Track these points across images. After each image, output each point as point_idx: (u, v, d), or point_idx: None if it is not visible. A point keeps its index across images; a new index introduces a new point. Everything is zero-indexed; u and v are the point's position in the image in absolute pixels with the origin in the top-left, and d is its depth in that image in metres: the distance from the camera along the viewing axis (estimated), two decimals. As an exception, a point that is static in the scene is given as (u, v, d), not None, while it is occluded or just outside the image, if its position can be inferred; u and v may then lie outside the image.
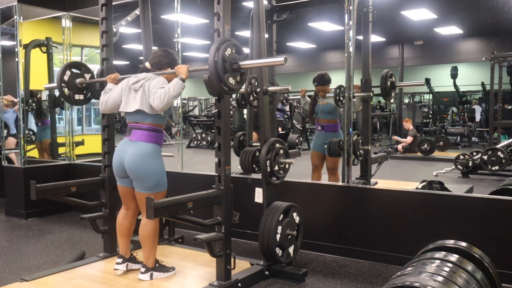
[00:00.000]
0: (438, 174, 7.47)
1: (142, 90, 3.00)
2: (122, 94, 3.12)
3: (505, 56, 9.06)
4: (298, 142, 10.06)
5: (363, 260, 3.77)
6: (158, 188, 3.05)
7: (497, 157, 7.14)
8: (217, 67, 2.73)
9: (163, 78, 3.06)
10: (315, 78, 5.03)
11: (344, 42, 4.04)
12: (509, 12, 9.27)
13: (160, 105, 2.86)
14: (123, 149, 3.08)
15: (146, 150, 3.01)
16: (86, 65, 3.75)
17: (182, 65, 3.01)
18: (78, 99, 3.68)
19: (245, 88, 3.66)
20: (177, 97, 2.93)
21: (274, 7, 4.70)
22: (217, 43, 2.77)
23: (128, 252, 3.30)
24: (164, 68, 3.17)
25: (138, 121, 3.06)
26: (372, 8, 4.47)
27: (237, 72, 2.83)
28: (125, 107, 3.09)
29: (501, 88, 9.00)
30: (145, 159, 2.99)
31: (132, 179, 3.08)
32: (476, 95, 15.35)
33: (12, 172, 5.53)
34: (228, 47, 2.78)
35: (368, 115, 4.69)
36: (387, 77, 4.49)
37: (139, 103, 3.01)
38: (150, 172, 3.00)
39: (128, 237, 3.30)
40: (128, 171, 3.04)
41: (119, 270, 3.24)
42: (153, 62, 3.19)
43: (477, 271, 2.15)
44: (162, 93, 2.85)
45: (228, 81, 2.78)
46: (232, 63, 2.79)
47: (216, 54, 2.74)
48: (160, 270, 3.18)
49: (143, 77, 3.06)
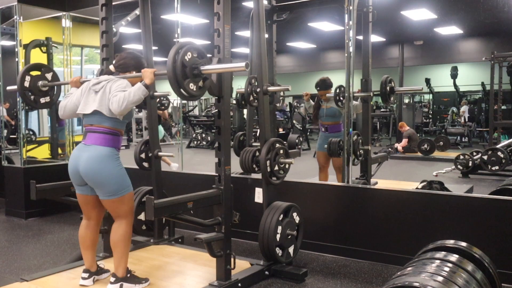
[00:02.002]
0: (438, 174, 7.46)
1: (103, 91, 2.84)
2: (81, 97, 2.95)
3: (505, 56, 9.06)
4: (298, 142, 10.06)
5: (363, 260, 3.77)
6: (122, 192, 2.84)
7: (497, 157, 7.14)
8: (176, 73, 2.61)
9: (126, 81, 2.89)
10: (318, 82, 5.18)
11: (344, 42, 4.04)
12: (509, 12, 9.26)
13: (118, 109, 2.71)
14: (77, 155, 2.87)
15: (101, 153, 2.81)
16: (44, 64, 3.67)
17: (148, 69, 2.85)
18: (44, 103, 3.59)
19: (245, 88, 3.67)
20: (138, 103, 2.76)
21: (274, 7, 4.70)
22: (176, 47, 2.64)
23: (94, 265, 3.09)
24: (129, 71, 3.01)
25: (94, 123, 2.87)
26: (372, 8, 4.47)
27: (199, 78, 2.72)
28: (83, 108, 2.91)
29: (501, 88, 9.00)
30: (101, 163, 2.79)
31: (92, 187, 2.88)
32: (476, 95, 15.35)
33: (12, 172, 5.53)
34: (189, 51, 2.64)
35: (368, 115, 4.69)
36: (387, 82, 4.53)
37: (98, 104, 2.83)
38: (108, 176, 2.79)
39: (93, 249, 3.08)
40: (85, 178, 2.84)
41: (85, 285, 3.02)
42: (118, 64, 3.03)
43: (477, 271, 2.15)
44: (122, 97, 2.69)
45: (188, 87, 2.66)
46: (193, 68, 2.68)
47: (175, 59, 2.60)
48: (131, 281, 2.94)
49: (105, 78, 2.90)
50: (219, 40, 3.02)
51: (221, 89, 3.02)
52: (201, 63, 2.72)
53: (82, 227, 3.06)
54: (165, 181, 4.04)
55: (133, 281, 2.94)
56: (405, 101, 16.41)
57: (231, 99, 3.26)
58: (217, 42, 3.03)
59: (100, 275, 3.11)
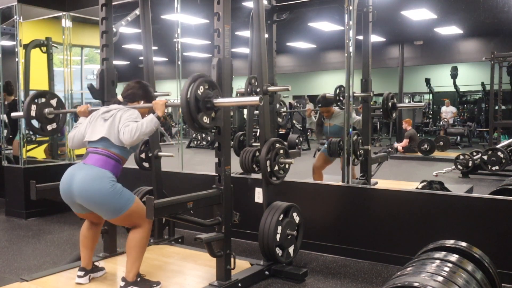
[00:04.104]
0: (438, 174, 7.47)
1: (112, 119, 2.82)
2: (89, 125, 2.92)
3: (505, 56, 9.07)
4: (298, 142, 10.07)
5: (363, 260, 3.77)
6: (124, 207, 2.74)
7: (497, 157, 7.14)
8: (190, 107, 2.62)
9: (137, 111, 2.89)
10: (319, 99, 5.21)
11: (344, 42, 4.04)
12: (509, 12, 9.26)
13: (129, 140, 2.70)
14: (71, 174, 2.78)
15: (97, 174, 2.71)
16: (49, 91, 3.68)
17: (159, 100, 2.84)
18: (51, 129, 3.57)
19: (245, 88, 3.67)
20: (150, 135, 2.76)
21: (274, 7, 4.70)
22: (189, 80, 2.65)
23: (90, 263, 3.08)
24: (138, 101, 3.02)
25: (99, 147, 2.82)
26: (372, 8, 4.48)
27: (211, 110, 2.74)
28: (90, 135, 2.87)
29: (501, 88, 9.01)
30: (96, 183, 2.68)
31: (89, 209, 2.79)
32: (476, 95, 15.35)
33: (12, 172, 5.53)
34: (201, 85, 2.66)
35: (368, 115, 4.70)
36: (388, 99, 4.54)
37: (106, 131, 2.80)
38: (105, 197, 2.68)
39: (92, 249, 3.08)
40: (80, 200, 2.74)
41: (81, 283, 3.02)
42: (126, 94, 3.04)
43: (477, 271, 2.15)
44: (134, 128, 2.69)
45: (202, 121, 2.68)
46: (206, 102, 2.69)
47: (188, 93, 2.62)
48: (141, 285, 2.87)
49: (115, 107, 2.91)
50: (219, 40, 3.02)
51: (221, 89, 3.02)
52: (213, 95, 2.73)
53: (84, 227, 3.08)
54: (165, 181, 4.04)
55: (143, 285, 2.88)
56: (405, 101, 16.43)
57: (231, 99, 3.25)
58: (217, 42, 3.03)
59: (95, 273, 3.13)
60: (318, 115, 5.22)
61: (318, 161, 5.24)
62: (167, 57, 15.57)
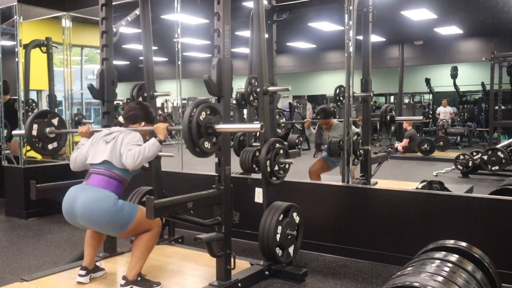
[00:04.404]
0: (438, 174, 7.47)
1: (114, 142, 2.83)
2: (91, 147, 2.94)
3: (505, 56, 9.07)
4: (298, 142, 10.06)
5: (363, 260, 3.77)
6: (130, 221, 2.77)
7: (497, 157, 7.14)
8: (191, 133, 2.65)
9: (139, 134, 2.91)
10: (318, 111, 5.25)
11: (344, 42, 4.04)
12: (509, 12, 9.26)
13: (132, 164, 2.72)
14: (74, 196, 2.80)
15: (98, 195, 2.73)
16: (51, 111, 3.68)
17: (161, 124, 2.86)
18: (52, 148, 3.58)
19: (245, 88, 3.67)
20: (152, 159, 2.79)
21: (274, 7, 4.70)
22: (191, 106, 2.67)
23: (93, 263, 3.10)
24: (139, 122, 3.05)
25: (101, 168, 2.84)
26: (372, 8, 4.48)
27: (212, 136, 2.77)
28: (92, 158, 2.89)
29: (501, 88, 9.01)
30: (98, 204, 2.70)
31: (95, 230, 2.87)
32: (476, 95, 15.35)
33: (12, 172, 5.53)
34: (203, 111, 2.69)
35: (368, 115, 4.70)
36: (387, 112, 4.54)
37: (108, 154, 2.82)
38: (108, 215, 2.70)
39: (97, 248, 3.11)
40: (83, 222, 2.79)
41: (82, 283, 3.03)
42: (128, 115, 3.05)
43: (477, 271, 2.15)
44: (137, 153, 2.71)
45: (203, 146, 2.71)
46: (207, 127, 2.71)
47: (190, 119, 2.65)
48: (141, 284, 2.87)
49: (117, 130, 2.92)
50: (219, 40, 3.02)
51: (221, 89, 3.02)
52: (215, 121, 2.75)
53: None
54: (165, 181, 4.04)
55: (143, 285, 2.88)
56: (405, 101, 16.43)
57: (231, 99, 3.26)
58: (217, 42, 3.03)
59: (95, 273, 3.14)
60: (317, 126, 5.21)
61: (316, 165, 5.22)
62: (167, 57, 15.56)
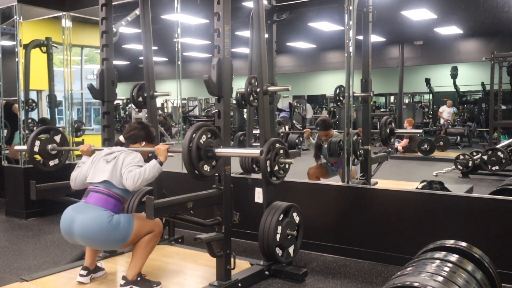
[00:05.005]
0: (438, 174, 7.47)
1: (115, 162, 2.84)
2: (91, 166, 2.94)
3: (505, 56, 9.07)
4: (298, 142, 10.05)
5: (363, 260, 3.77)
6: (128, 234, 2.78)
7: (497, 157, 7.14)
8: (191, 156, 2.66)
9: (140, 155, 2.91)
10: (318, 122, 5.23)
11: (344, 42, 4.04)
12: (509, 12, 9.26)
13: (132, 186, 2.72)
14: (71, 217, 2.79)
15: (95, 215, 2.72)
16: (54, 127, 3.68)
17: (161, 145, 2.86)
18: (53, 165, 3.59)
19: (245, 88, 3.67)
20: (152, 180, 2.80)
21: (274, 7, 4.70)
22: (192, 129, 2.69)
23: (94, 263, 3.12)
24: (140, 142, 3.05)
25: (100, 186, 2.84)
26: (372, 8, 4.48)
27: (212, 159, 2.77)
28: (92, 177, 2.89)
29: (501, 88, 9.00)
30: (95, 224, 2.70)
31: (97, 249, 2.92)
32: (476, 95, 15.35)
33: (12, 172, 5.53)
34: (203, 134, 2.70)
35: (368, 115, 4.70)
36: (386, 125, 4.55)
37: (109, 174, 2.82)
38: (104, 234, 2.71)
39: (97, 250, 3.13)
40: (82, 242, 2.81)
41: (83, 283, 3.03)
42: (128, 135, 3.06)
43: (477, 271, 2.15)
44: (137, 174, 2.71)
45: (202, 169, 2.72)
46: (207, 151, 2.72)
47: (190, 142, 2.66)
48: (141, 284, 2.88)
49: (118, 149, 2.92)
50: (219, 40, 3.02)
51: (221, 89, 3.02)
52: (215, 144, 2.76)
53: None
54: (165, 181, 4.04)
55: (143, 285, 2.89)
56: (405, 101, 16.43)
57: (231, 99, 3.26)
58: (217, 42, 3.03)
59: (96, 273, 3.14)
60: (317, 137, 5.22)
61: (315, 167, 5.23)
62: (167, 57, 15.57)
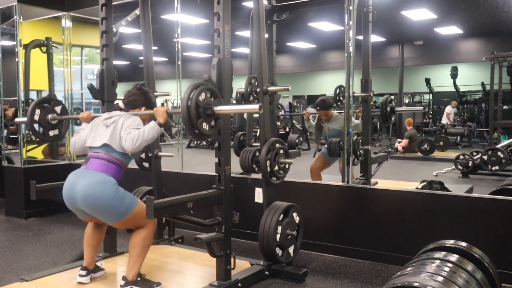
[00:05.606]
0: (438, 174, 7.47)
1: (114, 126, 2.84)
2: (91, 131, 2.94)
3: (505, 56, 9.07)
4: (298, 142, 10.07)
5: (363, 260, 3.77)
6: (127, 211, 2.76)
7: (497, 157, 7.14)
8: (190, 113, 2.63)
9: (139, 118, 2.91)
10: (317, 102, 5.18)
11: (344, 42, 4.04)
12: (509, 12, 9.27)
13: (131, 147, 2.71)
14: (73, 182, 2.78)
15: (99, 179, 2.72)
16: (54, 98, 3.68)
17: (160, 107, 2.86)
18: (53, 135, 3.57)
19: (245, 88, 3.67)
20: (151, 142, 2.79)
21: (274, 7, 4.70)
22: (190, 87, 2.68)
23: (93, 263, 3.10)
24: (139, 107, 3.05)
25: (100, 151, 2.83)
26: (372, 8, 4.47)
27: (211, 117, 2.76)
28: (92, 141, 2.89)
29: (501, 88, 9.01)
30: (99, 189, 2.69)
31: (93, 215, 2.80)
32: (476, 95, 15.35)
33: (12, 172, 5.53)
34: (202, 92, 2.68)
35: (368, 115, 4.69)
36: (387, 103, 4.54)
37: (108, 138, 2.81)
38: (109, 202, 2.69)
39: (96, 248, 3.11)
40: (84, 206, 2.75)
41: (83, 283, 3.02)
42: (128, 101, 3.06)
43: (477, 271, 2.15)
44: (136, 135, 2.70)
45: (201, 127, 2.69)
46: (206, 108, 2.71)
47: (189, 98, 2.63)
48: (141, 284, 2.87)
49: (117, 114, 2.92)
50: (219, 40, 3.02)
51: (221, 89, 3.02)
52: (214, 103, 2.75)
53: (89, 227, 3.09)
54: (165, 181, 4.04)
55: (143, 285, 2.88)
56: (405, 101, 16.43)
57: (231, 99, 3.26)
58: (217, 42, 3.03)
59: (96, 273, 3.13)
60: (317, 118, 5.20)
61: (316, 162, 5.24)
62: (167, 57, 15.56)
